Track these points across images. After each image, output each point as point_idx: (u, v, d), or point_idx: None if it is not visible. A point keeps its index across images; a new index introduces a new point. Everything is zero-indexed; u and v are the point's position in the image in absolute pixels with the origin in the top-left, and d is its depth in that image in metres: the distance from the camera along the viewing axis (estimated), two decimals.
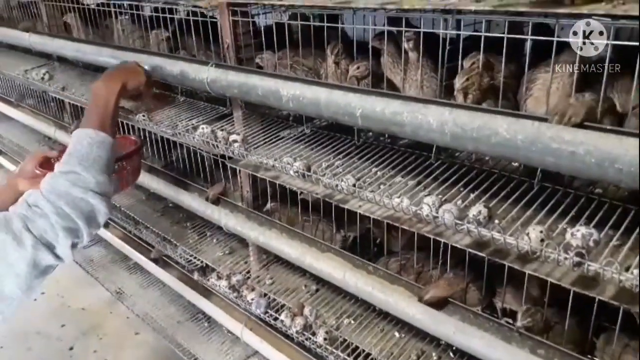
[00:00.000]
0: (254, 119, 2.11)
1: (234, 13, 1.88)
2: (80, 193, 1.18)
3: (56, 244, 1.16)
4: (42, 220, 1.15)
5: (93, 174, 1.21)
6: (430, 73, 1.55)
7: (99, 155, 1.26)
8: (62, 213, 1.15)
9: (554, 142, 1.10)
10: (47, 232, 1.15)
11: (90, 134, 1.30)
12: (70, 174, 1.20)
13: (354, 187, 1.48)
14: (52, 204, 1.15)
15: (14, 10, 3.51)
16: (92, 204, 1.18)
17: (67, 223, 1.16)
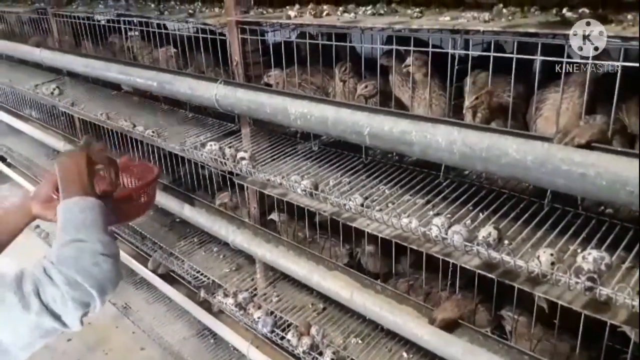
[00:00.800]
0: (262, 136, 2.11)
1: (243, 31, 1.90)
2: (90, 259, 1.13)
3: (63, 314, 1.11)
4: (52, 289, 1.08)
5: (96, 237, 1.16)
6: (438, 91, 1.55)
7: (95, 219, 1.19)
8: (73, 283, 1.09)
9: (564, 164, 1.09)
10: (55, 302, 1.09)
11: (76, 201, 1.21)
12: (74, 243, 1.13)
13: (362, 206, 1.47)
14: (62, 274, 1.11)
15: (25, 26, 3.56)
16: (105, 270, 1.14)
17: (78, 293, 1.09)
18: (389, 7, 1.72)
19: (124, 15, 2.47)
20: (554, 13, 1.37)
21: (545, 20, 1.29)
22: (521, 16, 1.39)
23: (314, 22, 1.64)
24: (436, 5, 1.74)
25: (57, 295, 1.09)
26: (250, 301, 2.16)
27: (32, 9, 3.22)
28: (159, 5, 2.50)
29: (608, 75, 1.32)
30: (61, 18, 3.02)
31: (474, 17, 1.38)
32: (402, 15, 1.58)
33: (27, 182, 4.25)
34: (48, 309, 1.08)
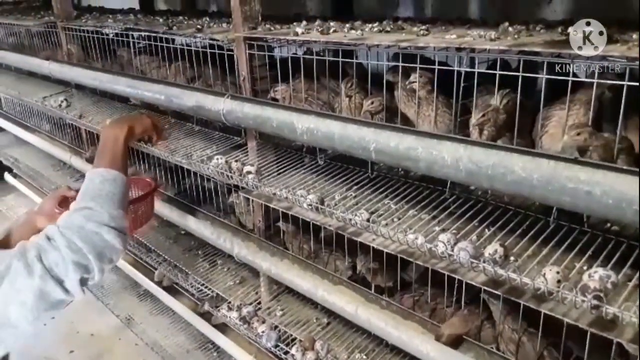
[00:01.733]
0: (268, 149, 2.12)
1: (250, 46, 1.92)
2: (94, 227, 1.19)
3: (65, 278, 1.15)
4: (54, 253, 1.15)
5: (107, 209, 1.23)
6: (443, 108, 1.56)
7: (112, 192, 1.28)
8: (73, 247, 1.16)
9: (570, 182, 1.10)
10: (57, 265, 1.14)
11: (101, 172, 1.32)
12: (84, 210, 1.22)
13: (367, 221, 1.47)
14: (65, 238, 1.16)
15: (34, 39, 3.60)
16: (106, 239, 1.19)
17: (77, 257, 1.15)
18: (395, 24, 1.74)
19: (132, 29, 2.50)
20: (559, 32, 1.38)
21: (550, 39, 1.31)
22: (526, 34, 1.41)
23: (321, 38, 1.66)
24: (442, 22, 1.76)
25: (59, 259, 1.13)
26: (254, 315, 2.15)
27: (42, 23, 3.26)
28: (167, 20, 2.53)
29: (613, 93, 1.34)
30: (70, 32, 3.06)
31: (480, 35, 1.39)
32: (409, 33, 1.60)
33: (32, 192, 4.28)
34: (51, 273, 1.12)
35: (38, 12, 3.66)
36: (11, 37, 4.07)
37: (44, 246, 1.15)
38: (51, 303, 1.15)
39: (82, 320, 3.29)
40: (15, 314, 1.12)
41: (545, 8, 2.09)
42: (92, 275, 1.17)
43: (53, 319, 3.23)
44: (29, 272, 1.11)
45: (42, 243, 1.16)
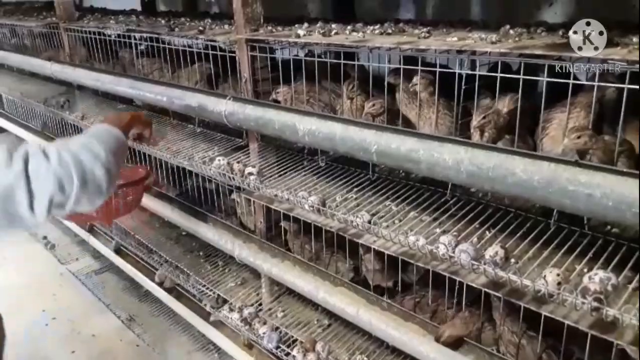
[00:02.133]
0: (270, 151, 2.13)
1: (252, 48, 1.93)
2: (90, 158, 1.16)
3: (38, 194, 1.08)
4: (43, 162, 1.10)
5: (106, 150, 1.21)
6: (444, 111, 1.56)
7: (113, 143, 1.28)
8: (63, 164, 1.11)
9: (571, 184, 1.10)
10: (39, 175, 1.09)
11: (108, 127, 1.34)
12: (86, 142, 1.20)
13: (369, 223, 1.48)
14: (59, 154, 1.12)
15: (36, 39, 3.62)
16: (96, 174, 1.16)
17: (62, 174, 1.11)
18: (396, 27, 1.74)
19: (134, 30, 2.51)
20: (560, 35, 1.39)
21: (551, 42, 1.31)
22: (528, 37, 1.41)
23: (322, 41, 1.66)
24: (444, 25, 1.77)
25: (44, 168, 1.09)
26: (255, 316, 2.16)
27: (44, 23, 3.27)
28: (169, 21, 2.54)
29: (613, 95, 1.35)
30: (72, 32, 3.07)
31: (481, 38, 1.40)
32: (410, 35, 1.61)
33: None
34: (28, 179, 1.07)
35: (40, 13, 3.67)
36: (14, 38, 4.08)
37: (36, 152, 1.11)
38: (9, 213, 1.08)
39: (84, 321, 3.29)
40: None
41: (546, 10, 2.09)
42: (65, 201, 1.12)
43: (54, 319, 3.25)
44: (8, 165, 1.07)
45: (34, 150, 1.11)
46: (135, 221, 1.84)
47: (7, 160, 1.07)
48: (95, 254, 3.71)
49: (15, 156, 1.09)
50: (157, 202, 2.67)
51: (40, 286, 3.53)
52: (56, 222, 4.12)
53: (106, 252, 3.44)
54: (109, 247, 3.42)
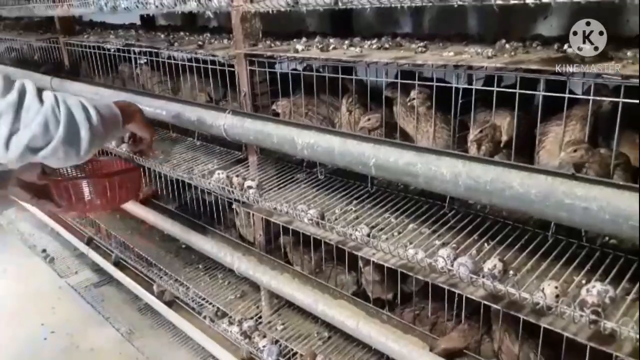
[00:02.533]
0: (269, 164, 2.14)
1: (251, 63, 1.94)
2: (82, 118, 1.16)
3: (22, 128, 1.09)
4: (35, 102, 1.10)
5: (99, 118, 1.22)
6: (441, 124, 1.58)
7: (109, 116, 1.29)
8: (56, 110, 1.12)
9: (567, 198, 1.11)
10: (28, 111, 1.09)
11: (110, 103, 1.36)
12: (83, 102, 1.22)
13: (368, 236, 1.49)
14: (54, 100, 1.13)
15: (36, 53, 3.64)
16: (81, 135, 1.17)
17: (51, 119, 1.11)
18: (394, 41, 1.76)
19: (133, 45, 2.53)
20: (556, 48, 1.41)
21: (547, 57, 1.33)
22: (523, 51, 1.43)
23: (320, 56, 1.68)
24: (440, 39, 1.79)
25: (35, 106, 1.10)
26: (255, 329, 2.16)
27: (44, 38, 3.30)
28: (168, 36, 2.56)
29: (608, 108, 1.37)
30: (72, 47, 3.10)
31: (477, 52, 1.42)
32: (407, 50, 1.63)
33: (32, 206, 4.29)
34: (18, 112, 1.08)
35: (40, 28, 3.70)
36: (13, 52, 4.11)
37: (33, 90, 1.12)
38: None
39: (82, 334, 3.28)
40: None
41: (542, 23, 2.11)
42: (42, 147, 1.13)
43: (53, 333, 3.24)
44: (3, 93, 1.07)
45: (33, 88, 1.13)
46: None
47: (3, 89, 1.08)
48: (95, 267, 3.71)
49: (13, 87, 1.09)
50: (157, 215, 2.68)
51: (39, 300, 3.53)
52: (55, 235, 4.12)
53: (105, 265, 3.44)
54: (108, 260, 3.42)
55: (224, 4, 1.69)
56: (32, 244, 4.19)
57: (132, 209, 2.86)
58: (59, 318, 3.35)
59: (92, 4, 2.30)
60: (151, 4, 1.92)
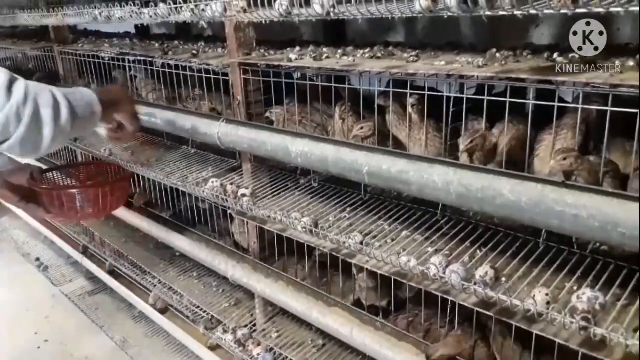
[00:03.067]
0: (263, 172, 2.15)
1: (245, 72, 1.96)
2: (49, 118, 1.16)
3: None
4: (3, 95, 1.13)
5: (69, 116, 1.22)
6: (434, 132, 1.60)
7: (82, 111, 1.27)
8: (20, 109, 1.13)
9: (558, 205, 1.13)
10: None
11: (89, 94, 1.33)
12: (56, 98, 1.20)
13: (361, 244, 1.50)
14: (24, 96, 1.14)
15: (31, 62, 3.64)
16: (44, 134, 1.17)
17: (11, 117, 1.12)
18: (386, 50, 1.78)
19: (127, 54, 2.54)
20: (546, 57, 1.43)
21: (537, 66, 1.35)
22: (514, 60, 1.45)
23: (314, 65, 1.69)
24: (432, 48, 1.81)
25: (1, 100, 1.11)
26: (249, 337, 2.16)
27: (39, 47, 3.30)
28: (162, 44, 2.58)
29: (599, 116, 1.38)
30: (67, 56, 3.10)
31: (468, 62, 1.44)
32: (399, 59, 1.64)
33: (27, 215, 4.28)
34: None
35: (35, 36, 3.70)
36: (8, 61, 4.11)
37: (3, 82, 1.14)
38: None
39: (76, 343, 3.27)
40: None
41: (533, 32, 2.14)
42: (1, 142, 1.15)
43: (46, 342, 3.23)
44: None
45: (5, 79, 1.15)
46: None
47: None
48: (89, 275, 3.70)
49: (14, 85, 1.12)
50: (152, 223, 2.68)
51: (33, 308, 3.51)
52: (50, 243, 4.11)
53: (100, 274, 3.43)
54: (102, 268, 3.41)
55: (218, 14, 1.70)
56: (26, 252, 4.18)
57: (126, 217, 2.86)
58: (52, 327, 3.34)
59: (87, 14, 2.30)
60: (145, 15, 1.93)
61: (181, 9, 1.79)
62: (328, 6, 1.34)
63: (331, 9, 1.34)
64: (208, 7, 1.69)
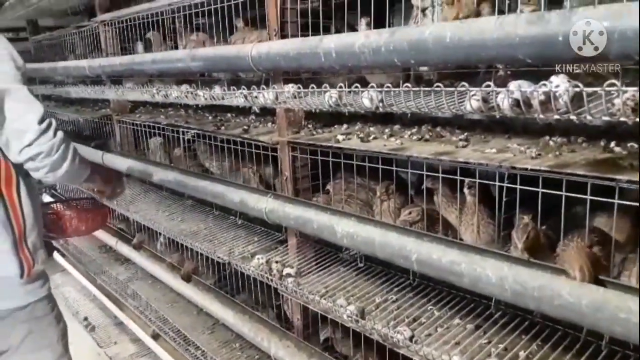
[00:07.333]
0: (308, 247, 2.14)
1: (293, 149, 1.99)
2: (70, 156, 1.61)
3: (33, 145, 1.51)
4: (51, 133, 1.55)
5: (77, 161, 1.66)
6: (487, 219, 1.55)
7: (81, 165, 1.70)
8: (58, 143, 1.56)
9: (621, 312, 1.06)
10: (45, 137, 1.53)
11: (87, 163, 1.76)
12: (73, 149, 1.63)
13: (410, 340, 1.44)
14: (62, 137, 1.57)
15: (87, 128, 3.84)
16: (63, 165, 1.59)
17: (54, 147, 1.55)
18: (434, 131, 1.77)
19: (181, 127, 2.64)
20: (602, 146, 1.38)
21: (593, 158, 1.29)
22: (568, 150, 1.40)
23: (361, 147, 1.70)
24: (481, 128, 1.78)
25: (49, 136, 1.53)
26: None
27: (100, 115, 3.49)
28: (215, 117, 2.67)
29: None
30: (124, 124, 3.26)
31: (521, 150, 1.40)
32: (447, 143, 1.62)
33: (78, 273, 4.40)
34: (39, 135, 1.51)
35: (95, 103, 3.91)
36: (71, 126, 4.36)
37: (53, 125, 1.57)
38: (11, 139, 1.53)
39: None
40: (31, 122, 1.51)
41: None
42: (41, 163, 1.54)
43: None
44: (42, 120, 1.52)
45: (54, 123, 1.58)
46: None
47: (40, 119, 1.52)
48: (134, 338, 3.72)
49: (46, 120, 1.54)
50: (197, 292, 2.70)
51: None
52: (98, 302, 4.19)
53: (144, 338, 3.44)
54: (146, 331, 3.42)
55: (270, 101, 1.75)
56: (75, 310, 4.26)
57: (173, 284, 2.90)
58: None
59: (146, 92, 2.42)
60: (201, 96, 2.01)
61: (234, 94, 1.86)
62: (377, 100, 1.36)
63: (379, 103, 1.36)
64: (260, 94, 1.74)
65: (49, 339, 1.73)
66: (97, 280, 3.96)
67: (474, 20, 1.24)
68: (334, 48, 1.52)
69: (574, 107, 1.04)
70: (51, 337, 1.74)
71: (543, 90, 1.06)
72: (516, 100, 1.09)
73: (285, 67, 1.78)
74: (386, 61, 1.39)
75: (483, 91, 1.16)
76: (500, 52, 1.16)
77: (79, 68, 3.32)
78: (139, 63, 2.60)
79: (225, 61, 2.03)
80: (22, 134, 1.50)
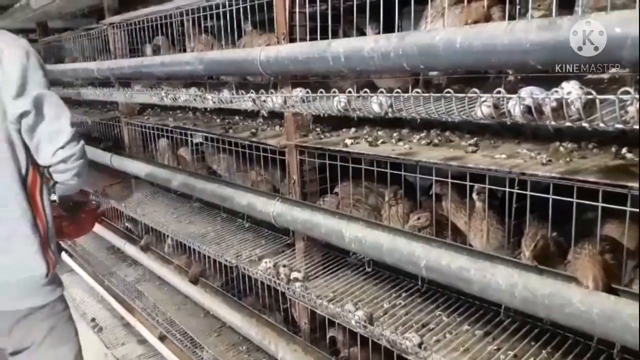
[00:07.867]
0: (316, 251, 2.13)
1: (301, 153, 1.98)
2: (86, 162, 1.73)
3: (66, 148, 1.61)
4: (76, 141, 1.66)
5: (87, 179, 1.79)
6: (496, 225, 1.54)
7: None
8: (81, 151, 1.67)
9: (634, 321, 1.04)
10: (72, 142, 1.64)
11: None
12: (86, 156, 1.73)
13: (419, 347, 1.43)
14: (82, 146, 1.68)
15: (96, 130, 3.85)
16: (74, 182, 1.70)
17: (77, 153, 1.65)
18: (443, 136, 1.76)
19: (189, 129, 2.65)
20: (613, 152, 1.36)
21: (604, 165, 1.28)
22: (579, 156, 1.38)
23: (369, 151, 1.69)
24: (491, 133, 1.77)
25: (74, 143, 1.63)
26: None
27: (108, 117, 3.50)
28: (224, 120, 2.67)
29: None
30: (133, 127, 3.27)
31: (531, 156, 1.39)
32: (457, 148, 1.60)
33: (85, 273, 4.42)
34: (69, 142, 1.61)
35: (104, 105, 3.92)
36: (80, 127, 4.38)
37: (77, 134, 1.67)
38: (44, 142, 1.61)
39: None
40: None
41: None
42: (67, 171, 1.64)
43: None
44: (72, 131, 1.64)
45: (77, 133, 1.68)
46: None
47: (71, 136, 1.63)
48: (141, 339, 3.73)
49: (73, 132, 1.65)
50: (204, 295, 2.70)
51: None
52: (106, 303, 4.20)
53: (151, 339, 3.45)
54: (154, 333, 3.43)
55: (278, 105, 1.75)
56: (83, 311, 4.27)
57: (180, 286, 2.90)
58: None
59: (154, 95, 2.43)
60: (209, 100, 2.01)
61: (243, 98, 1.86)
62: (386, 105, 1.35)
63: (389, 108, 1.35)
64: (269, 98, 1.74)
65: (68, 334, 1.79)
66: (105, 281, 3.97)
67: (485, 26, 1.23)
68: (343, 52, 1.52)
69: (586, 114, 1.03)
70: (69, 333, 1.80)
71: (555, 97, 1.05)
72: (528, 107, 1.08)
73: (294, 71, 1.78)
74: (395, 66, 1.39)
75: (494, 97, 1.15)
76: (511, 58, 1.16)
77: (87, 70, 3.33)
78: (148, 65, 2.61)
79: (233, 65, 2.03)
80: (56, 136, 1.59)
